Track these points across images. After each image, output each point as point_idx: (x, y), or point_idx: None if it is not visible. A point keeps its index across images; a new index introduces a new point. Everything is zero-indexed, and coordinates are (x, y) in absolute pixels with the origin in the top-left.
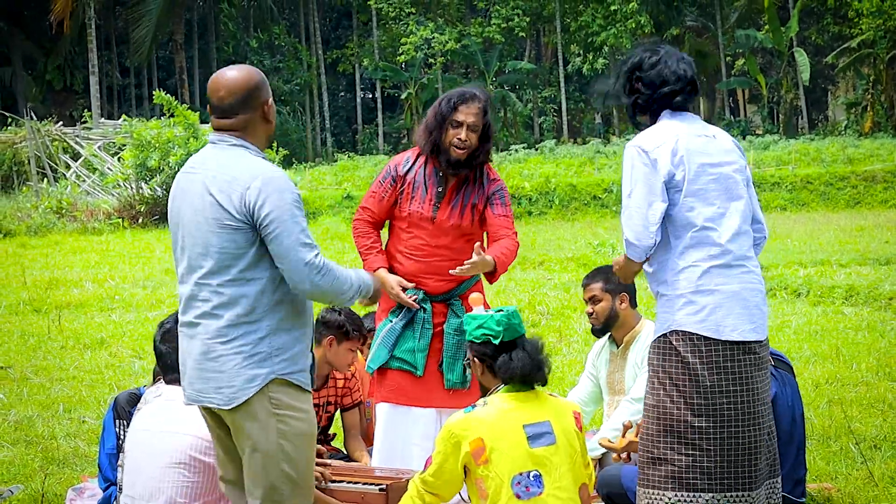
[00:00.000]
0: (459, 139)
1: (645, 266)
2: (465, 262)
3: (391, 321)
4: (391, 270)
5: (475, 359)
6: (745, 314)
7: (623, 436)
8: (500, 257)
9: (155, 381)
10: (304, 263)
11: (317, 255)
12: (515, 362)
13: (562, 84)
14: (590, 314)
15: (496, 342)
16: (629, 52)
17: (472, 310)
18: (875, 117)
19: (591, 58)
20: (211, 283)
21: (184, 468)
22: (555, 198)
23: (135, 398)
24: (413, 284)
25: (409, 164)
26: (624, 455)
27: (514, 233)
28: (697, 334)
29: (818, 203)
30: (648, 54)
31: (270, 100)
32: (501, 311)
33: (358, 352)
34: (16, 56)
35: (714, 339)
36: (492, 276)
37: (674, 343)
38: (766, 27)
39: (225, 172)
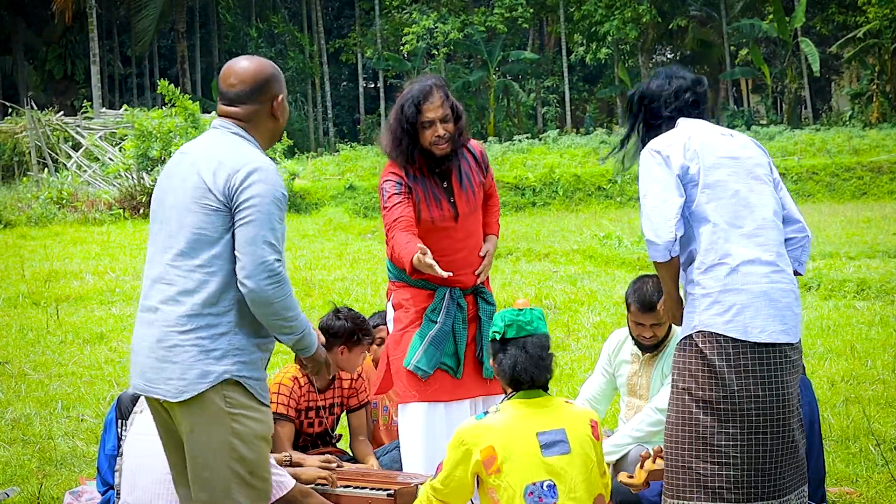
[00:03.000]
0: (438, 136)
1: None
2: (484, 261)
3: (435, 321)
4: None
5: (492, 359)
6: (775, 315)
7: (641, 467)
8: (496, 227)
9: None
10: (262, 261)
11: (278, 261)
12: (507, 360)
13: (565, 74)
14: (650, 337)
15: (498, 338)
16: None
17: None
18: (881, 108)
19: (594, 48)
20: (179, 265)
21: None
22: (559, 188)
23: (138, 397)
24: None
25: (407, 173)
26: (644, 485)
27: (496, 192)
28: (724, 335)
29: (824, 194)
30: (648, 80)
31: (282, 97)
32: (534, 310)
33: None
34: (17, 45)
35: (741, 341)
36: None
37: (699, 345)
38: (771, 17)
39: (216, 154)
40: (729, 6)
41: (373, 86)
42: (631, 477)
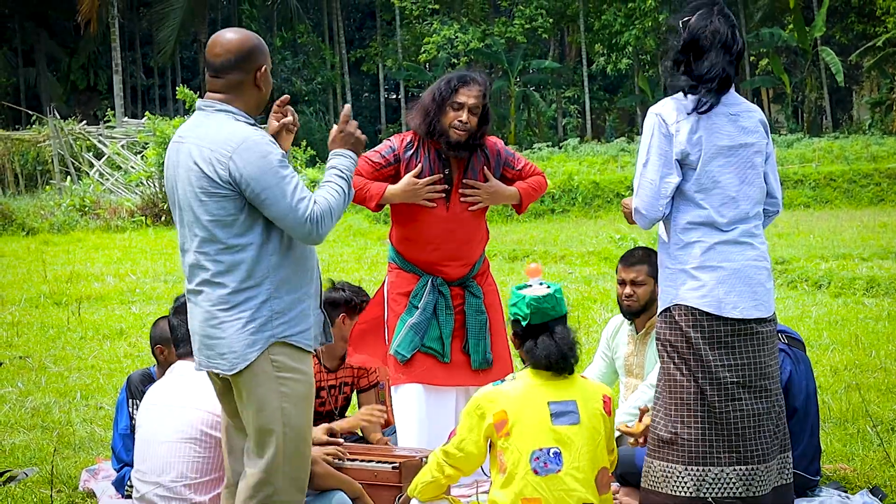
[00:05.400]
0: (460, 121)
1: (660, 233)
2: (482, 187)
3: (416, 307)
4: (406, 260)
5: (512, 333)
6: (747, 291)
7: (640, 420)
8: (527, 188)
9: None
10: (303, 222)
11: (314, 205)
12: (540, 350)
13: (585, 84)
14: (629, 296)
15: (524, 324)
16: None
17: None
18: None
19: (614, 58)
20: (207, 251)
21: (194, 443)
22: (578, 195)
23: (148, 377)
24: (440, 176)
25: (412, 148)
26: (641, 440)
27: (541, 172)
28: (699, 310)
29: (841, 200)
30: (705, 21)
31: (265, 67)
32: (549, 287)
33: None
34: (40, 56)
35: (715, 316)
36: (519, 207)
37: (676, 318)
38: (790, 26)
39: (207, 141)
40: (749, 15)
41: (394, 97)
42: (629, 427)
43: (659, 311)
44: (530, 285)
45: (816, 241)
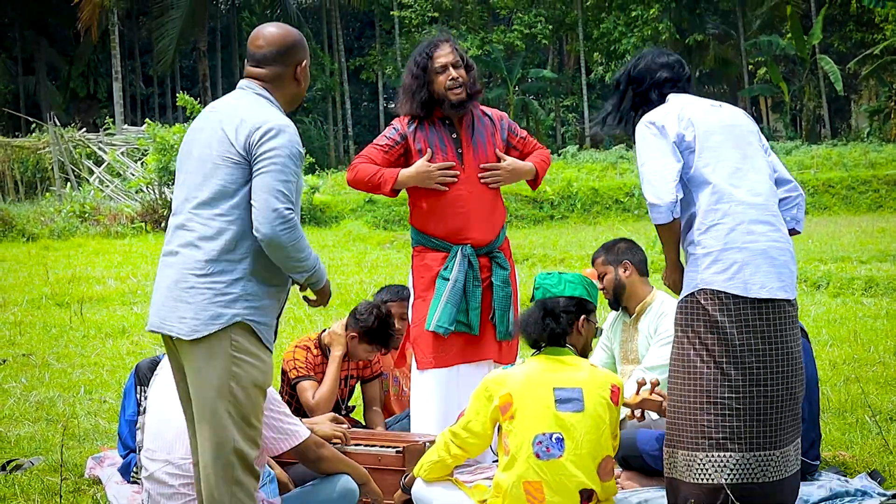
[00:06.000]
0: (452, 80)
1: (682, 227)
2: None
3: (447, 279)
4: (432, 236)
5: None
6: (773, 272)
7: (637, 393)
8: (540, 162)
9: None
10: (274, 209)
11: (290, 210)
12: (522, 317)
13: (584, 92)
14: (602, 289)
15: (530, 302)
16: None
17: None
18: None
19: (613, 66)
20: (200, 213)
21: None
22: (577, 202)
23: (156, 365)
24: (452, 164)
25: (414, 125)
26: (638, 412)
27: (542, 146)
28: (725, 292)
29: (840, 207)
30: (633, 61)
31: (306, 62)
32: (569, 276)
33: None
34: (39, 65)
35: (742, 297)
36: (534, 182)
37: (702, 302)
38: (789, 35)
39: (240, 112)
40: (747, 24)
41: (392, 106)
42: (625, 399)
43: (681, 297)
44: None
45: (815, 245)
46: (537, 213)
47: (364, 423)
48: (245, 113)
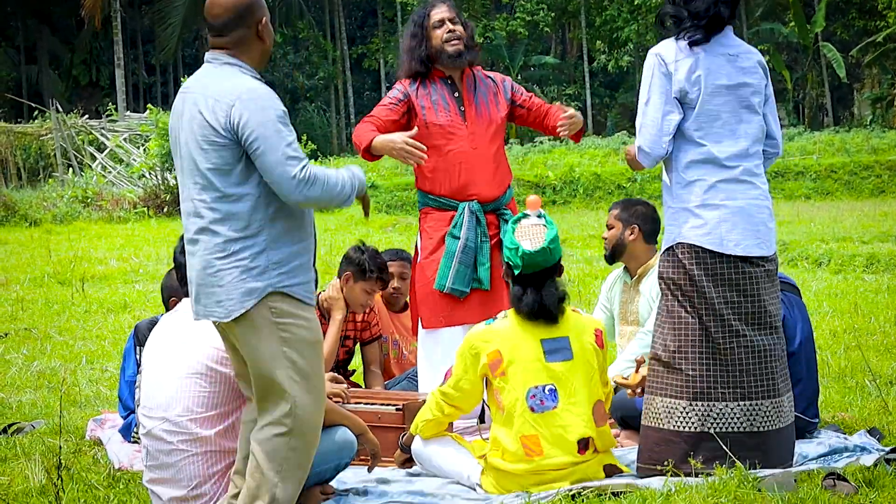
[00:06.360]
0: (449, 32)
1: (663, 176)
2: (564, 120)
3: (457, 237)
4: (438, 196)
5: (504, 273)
6: (749, 230)
7: (637, 371)
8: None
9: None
10: (291, 177)
11: (303, 167)
12: (524, 303)
13: (587, 80)
14: (604, 239)
15: (516, 273)
16: None
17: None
18: None
19: (615, 54)
20: (204, 199)
21: (200, 378)
22: (579, 187)
23: (154, 325)
24: (424, 149)
25: (416, 84)
26: (639, 391)
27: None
28: (702, 247)
29: (842, 192)
30: None
31: (265, 19)
32: (546, 227)
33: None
34: (42, 53)
35: (718, 253)
36: (578, 135)
37: (679, 256)
38: (792, 23)
39: (213, 91)
40: (749, 11)
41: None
42: (626, 378)
43: (662, 249)
44: (528, 215)
45: (817, 228)
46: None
47: (364, 385)
48: (215, 90)
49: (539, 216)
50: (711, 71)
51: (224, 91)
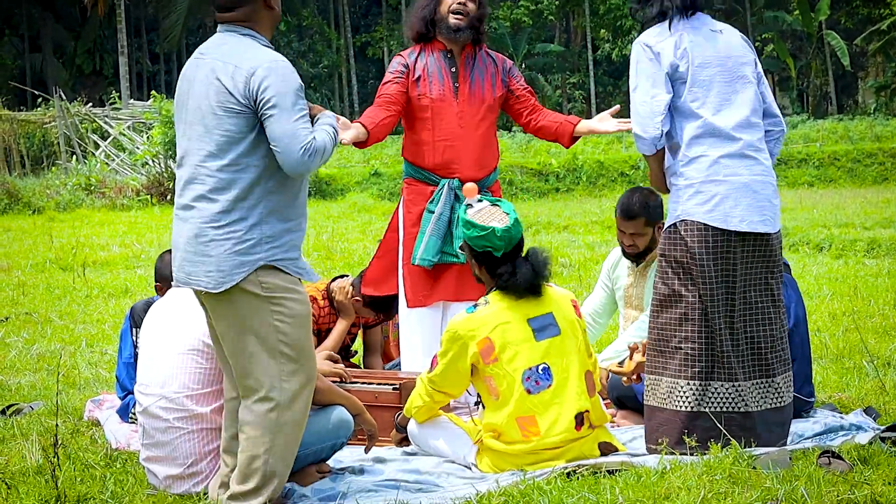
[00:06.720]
0: (459, 4)
1: (667, 158)
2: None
3: (432, 211)
4: (421, 168)
5: (474, 259)
6: (754, 206)
7: (630, 358)
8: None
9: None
10: (298, 147)
11: (311, 140)
12: (519, 277)
13: (591, 69)
14: (630, 245)
15: (498, 255)
16: None
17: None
18: None
19: (619, 43)
20: (209, 166)
21: (197, 355)
22: (582, 174)
23: (150, 306)
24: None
25: (415, 54)
26: (634, 377)
27: (541, 108)
28: (706, 224)
29: (845, 179)
30: None
31: None
32: (497, 205)
33: None
34: (46, 42)
35: (721, 230)
36: (571, 140)
37: (682, 233)
38: (796, 11)
39: (232, 58)
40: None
41: None
42: (621, 365)
43: (664, 227)
44: (471, 205)
45: (819, 214)
46: (543, 186)
47: (363, 368)
48: (236, 58)
49: (480, 200)
50: (697, 44)
51: (246, 59)
